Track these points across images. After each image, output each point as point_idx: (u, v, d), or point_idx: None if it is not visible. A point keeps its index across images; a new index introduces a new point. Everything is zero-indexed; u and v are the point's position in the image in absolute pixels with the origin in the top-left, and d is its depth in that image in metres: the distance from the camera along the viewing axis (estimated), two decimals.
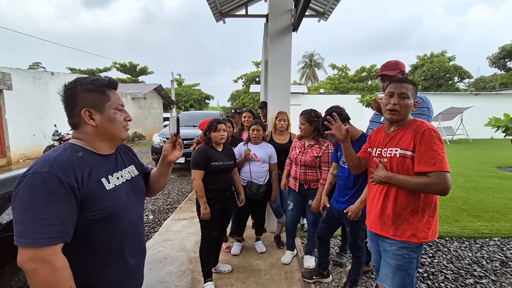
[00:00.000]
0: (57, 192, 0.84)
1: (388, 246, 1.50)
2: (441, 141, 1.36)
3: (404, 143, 1.41)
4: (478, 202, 4.39)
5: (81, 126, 1.00)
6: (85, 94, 0.98)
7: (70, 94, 0.98)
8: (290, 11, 3.13)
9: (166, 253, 2.98)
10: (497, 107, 14.24)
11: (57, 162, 0.87)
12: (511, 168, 7.20)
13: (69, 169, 0.88)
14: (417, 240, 1.42)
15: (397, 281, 1.46)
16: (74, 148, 0.96)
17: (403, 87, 1.46)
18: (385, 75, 2.02)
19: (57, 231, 0.83)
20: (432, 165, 1.30)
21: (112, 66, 29.13)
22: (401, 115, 1.46)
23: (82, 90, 0.98)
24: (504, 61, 27.94)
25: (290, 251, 2.80)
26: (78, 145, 0.98)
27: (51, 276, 0.82)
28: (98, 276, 0.98)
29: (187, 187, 5.93)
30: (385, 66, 2.07)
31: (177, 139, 1.22)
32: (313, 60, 38.84)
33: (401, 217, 1.44)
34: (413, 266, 1.47)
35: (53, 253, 0.83)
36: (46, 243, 0.81)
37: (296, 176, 2.53)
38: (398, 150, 1.44)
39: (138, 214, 1.14)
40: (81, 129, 1.00)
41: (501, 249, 2.96)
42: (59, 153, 0.91)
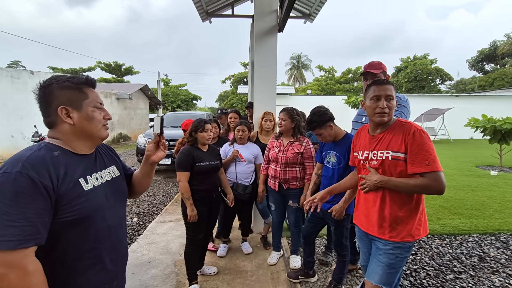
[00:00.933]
0: (28, 192, 0.80)
1: (382, 245, 1.50)
2: (430, 141, 1.39)
3: (395, 145, 1.41)
4: (458, 200, 4.54)
5: (58, 125, 0.96)
6: (61, 91, 0.94)
7: (45, 91, 0.94)
8: (276, 11, 3.14)
9: (151, 256, 2.91)
10: (476, 108, 14.83)
11: (30, 161, 0.83)
12: (489, 167, 7.50)
13: (43, 168, 0.85)
14: (412, 239, 1.45)
15: (385, 278, 1.48)
16: (49, 147, 0.92)
17: (387, 89, 1.46)
18: (369, 72, 2.06)
19: (26, 233, 0.79)
20: (426, 165, 1.32)
21: (96, 66, 28.42)
22: (390, 116, 1.48)
23: (58, 88, 0.94)
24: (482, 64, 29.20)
25: (276, 252, 2.80)
26: (55, 144, 0.95)
27: (21, 281, 0.78)
28: (74, 281, 0.94)
29: (173, 189, 5.84)
30: (369, 65, 2.11)
31: (160, 139, 1.19)
32: (301, 62, 39.24)
33: (397, 219, 1.45)
34: (402, 264, 1.51)
35: (24, 256, 0.79)
36: (13, 246, 0.76)
37: (275, 175, 2.53)
38: (389, 152, 1.43)
39: (118, 217, 1.10)
40: (57, 128, 0.97)
41: (479, 245, 3.07)
42: (33, 152, 0.87)
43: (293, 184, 2.48)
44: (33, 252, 0.81)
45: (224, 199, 2.63)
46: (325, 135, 2.08)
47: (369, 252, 1.65)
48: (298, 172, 2.47)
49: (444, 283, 2.41)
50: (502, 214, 3.93)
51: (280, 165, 2.49)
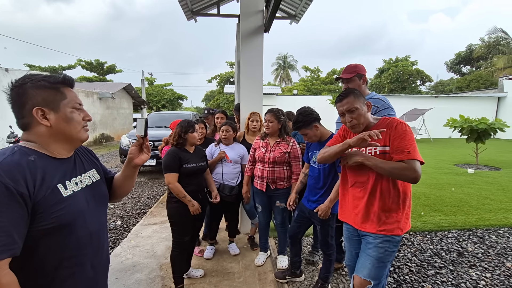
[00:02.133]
0: (3, 201, 0.75)
1: (371, 239, 1.54)
2: (412, 133, 1.46)
3: (382, 140, 1.47)
4: (438, 198, 4.71)
5: (33, 127, 0.91)
6: (36, 91, 0.89)
7: (18, 91, 0.89)
8: (261, 12, 3.13)
9: (135, 260, 2.84)
10: (454, 108, 15.45)
11: (3, 167, 0.78)
12: (466, 165, 7.83)
13: (18, 174, 0.80)
14: (401, 232, 1.50)
15: (374, 272, 1.51)
16: (24, 151, 0.87)
17: (345, 103, 1.54)
18: (341, 78, 2.09)
19: (1, 244, 0.74)
20: (407, 153, 1.39)
21: (77, 64, 27.41)
22: (361, 124, 1.54)
23: (32, 87, 0.89)
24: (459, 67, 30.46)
25: (263, 252, 2.79)
26: (30, 148, 0.89)
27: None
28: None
29: (158, 190, 5.72)
30: (344, 70, 2.14)
31: (144, 141, 1.15)
32: (287, 62, 39.51)
33: (386, 212, 1.51)
34: (391, 259, 1.54)
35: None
36: None
37: (263, 175, 2.52)
38: (377, 147, 1.50)
39: (99, 222, 1.06)
40: (32, 130, 0.91)
41: (458, 241, 3.20)
42: (6, 156, 0.82)
43: (280, 184, 2.49)
44: (7, 264, 0.77)
45: (209, 200, 2.59)
46: (311, 135, 2.10)
47: (356, 252, 1.68)
48: (285, 171, 2.48)
49: (426, 278, 2.49)
50: (478, 210, 4.11)
51: (267, 165, 2.49)
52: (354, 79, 2.03)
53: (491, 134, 7.39)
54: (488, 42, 24.11)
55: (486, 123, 7.28)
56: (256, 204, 2.72)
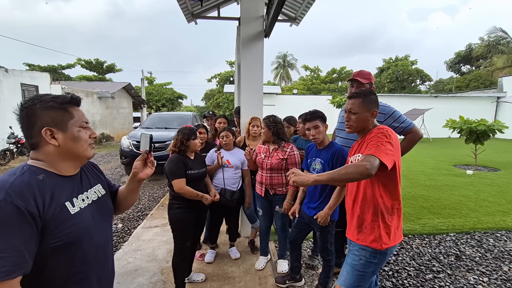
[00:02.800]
0: (14, 221, 0.77)
1: (351, 246, 1.57)
2: (386, 136, 1.40)
3: (364, 148, 1.48)
4: (437, 200, 4.74)
5: (42, 146, 0.93)
6: (45, 112, 0.91)
7: (28, 112, 0.91)
8: (262, 17, 3.15)
9: (136, 264, 2.87)
10: (453, 108, 15.51)
11: (14, 188, 0.80)
12: (465, 166, 7.87)
13: (28, 194, 0.82)
14: (378, 246, 1.45)
15: (349, 281, 1.48)
16: (33, 171, 0.89)
17: (352, 103, 1.57)
18: (356, 80, 2.14)
19: (13, 264, 0.76)
20: (368, 150, 1.35)
21: (76, 63, 27.37)
22: (353, 127, 1.58)
23: (42, 108, 0.91)
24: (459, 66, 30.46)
25: (264, 257, 2.83)
26: (38, 167, 0.91)
27: None
28: None
29: (159, 192, 5.75)
30: (358, 73, 2.19)
31: (149, 157, 1.18)
32: (287, 61, 39.46)
33: (364, 221, 1.50)
34: (368, 269, 1.48)
35: (10, 287, 0.76)
36: (1, 278, 0.74)
37: (262, 180, 2.56)
38: (359, 155, 1.51)
39: (105, 236, 1.08)
40: (41, 150, 0.93)
41: (456, 244, 3.23)
42: (16, 177, 0.84)
43: (279, 190, 2.51)
44: (18, 282, 0.79)
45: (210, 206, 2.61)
46: (320, 131, 2.12)
47: None
48: (284, 178, 2.51)
49: (424, 282, 2.53)
50: (476, 213, 4.15)
51: (265, 171, 2.52)
52: (366, 85, 2.11)
53: (490, 135, 7.42)
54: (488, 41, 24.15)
55: (485, 125, 7.31)
56: (257, 208, 2.76)
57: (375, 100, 1.58)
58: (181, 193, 2.22)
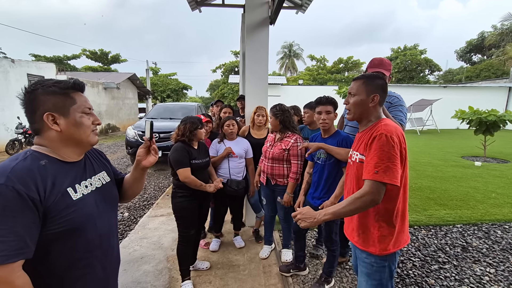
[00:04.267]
0: (15, 206, 0.77)
1: (359, 253, 1.45)
2: (393, 147, 1.22)
3: (363, 147, 1.35)
4: (444, 191, 4.68)
5: (44, 132, 0.92)
6: (47, 97, 0.90)
7: (30, 97, 0.90)
8: (267, 3, 3.06)
9: (142, 252, 2.91)
10: (463, 99, 15.18)
11: (15, 173, 0.80)
12: (473, 158, 7.74)
13: (30, 179, 0.82)
14: (378, 252, 1.34)
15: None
16: (35, 156, 0.89)
17: (352, 85, 1.44)
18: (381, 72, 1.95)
19: (14, 248, 0.76)
20: (374, 174, 1.20)
21: (82, 54, 27.45)
22: (352, 113, 1.43)
23: (43, 93, 0.90)
24: (470, 55, 29.64)
25: (268, 245, 2.84)
26: (41, 153, 0.91)
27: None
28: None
29: (165, 182, 5.80)
30: (379, 63, 2.00)
31: (151, 144, 1.16)
32: (292, 51, 38.88)
33: (362, 226, 1.40)
34: (384, 275, 1.37)
35: (11, 271, 0.77)
36: (2, 261, 0.75)
37: (264, 169, 2.56)
38: (358, 154, 1.39)
39: (109, 224, 1.08)
40: (44, 135, 0.93)
41: (462, 235, 3.20)
42: (18, 162, 0.84)
43: (280, 180, 2.49)
44: (20, 266, 0.79)
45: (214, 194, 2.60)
46: (331, 117, 2.10)
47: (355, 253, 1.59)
48: (285, 169, 2.47)
49: (429, 273, 2.51)
50: (484, 204, 4.09)
51: (267, 160, 2.51)
52: (387, 77, 1.98)
53: (500, 126, 7.25)
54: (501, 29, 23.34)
55: (495, 115, 7.13)
56: (262, 197, 2.76)
57: (381, 86, 1.37)
58: (186, 182, 2.22)
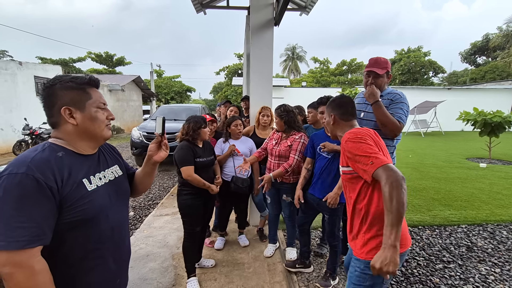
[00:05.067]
0: (34, 194, 0.81)
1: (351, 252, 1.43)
2: (361, 140, 1.24)
3: (343, 160, 1.37)
4: (448, 192, 4.67)
5: (61, 125, 0.97)
6: (64, 92, 0.95)
7: (48, 92, 0.95)
8: (272, 5, 3.11)
9: (148, 250, 2.95)
10: (467, 101, 15.06)
11: (35, 163, 0.84)
12: (478, 159, 7.69)
13: (48, 169, 0.85)
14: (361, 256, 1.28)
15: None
16: (53, 148, 0.93)
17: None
18: (373, 71, 1.99)
19: (33, 234, 0.80)
20: (371, 164, 1.18)
21: (87, 56, 27.75)
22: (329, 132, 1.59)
23: (61, 88, 0.95)
24: (474, 57, 29.46)
25: (272, 244, 2.86)
26: (58, 145, 0.95)
27: (28, 280, 0.80)
28: (78, 281, 0.96)
29: (169, 182, 5.84)
30: (374, 62, 2.01)
31: (162, 139, 1.20)
32: (296, 53, 38.97)
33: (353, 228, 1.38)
34: (365, 283, 1.27)
35: (30, 256, 0.80)
36: (20, 246, 0.78)
37: (270, 167, 2.58)
38: (342, 167, 1.40)
39: (121, 217, 1.11)
40: (61, 128, 0.97)
41: (467, 236, 3.19)
42: (37, 153, 0.88)
43: (286, 178, 2.52)
44: (39, 251, 0.83)
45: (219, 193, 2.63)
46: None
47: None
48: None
49: (434, 272, 2.51)
50: (489, 205, 4.07)
51: (274, 157, 2.54)
52: (384, 75, 1.98)
53: (505, 128, 7.20)
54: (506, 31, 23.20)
55: (501, 116, 7.09)
56: (266, 196, 2.78)
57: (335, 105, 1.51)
58: (189, 180, 2.25)
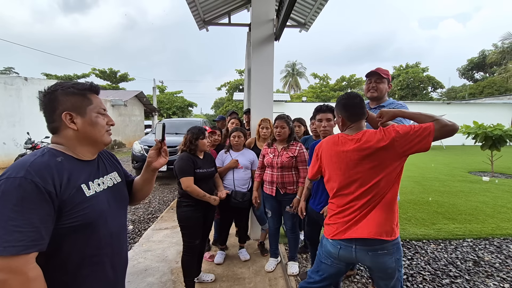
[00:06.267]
0: (33, 198, 0.80)
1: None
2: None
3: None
4: (452, 205, 4.60)
5: (61, 130, 0.97)
6: (66, 97, 0.96)
7: (50, 97, 0.96)
8: (272, 20, 3.21)
9: (147, 264, 2.88)
10: (467, 115, 15.11)
11: (34, 167, 0.84)
12: (481, 173, 7.63)
13: (47, 174, 0.85)
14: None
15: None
16: (53, 153, 0.93)
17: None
18: (377, 73, 2.10)
19: (30, 239, 0.79)
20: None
21: (91, 73, 28.29)
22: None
23: (63, 94, 0.96)
24: (472, 73, 29.91)
25: (274, 258, 2.79)
26: (58, 150, 0.96)
27: (22, 287, 0.78)
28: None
29: (169, 196, 5.79)
30: (377, 68, 2.16)
31: (162, 145, 1.20)
32: (296, 69, 39.68)
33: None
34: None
35: (26, 262, 0.78)
36: (16, 252, 0.76)
37: (272, 180, 2.55)
38: None
39: (119, 223, 1.10)
40: (61, 134, 0.98)
41: (473, 250, 3.11)
42: (36, 157, 0.88)
43: (290, 188, 2.51)
44: (34, 258, 0.81)
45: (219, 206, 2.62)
46: (331, 124, 2.16)
47: None
48: (294, 176, 2.52)
49: (440, 287, 2.43)
50: (494, 219, 4.00)
51: (276, 169, 2.52)
52: (384, 81, 2.11)
53: (507, 141, 7.19)
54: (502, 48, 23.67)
55: (501, 129, 7.10)
56: (266, 210, 2.74)
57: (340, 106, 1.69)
58: (188, 191, 2.24)
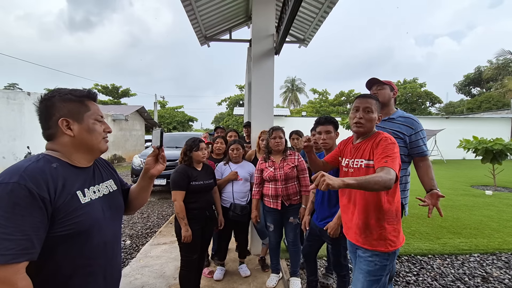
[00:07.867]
0: (25, 204, 0.77)
1: (361, 252, 1.53)
2: (394, 145, 1.43)
3: (367, 154, 1.49)
4: (456, 219, 4.52)
5: (57, 137, 0.96)
6: (63, 104, 0.95)
7: (47, 104, 0.95)
8: (272, 35, 3.28)
9: (144, 280, 2.79)
10: (466, 129, 15.20)
11: (28, 172, 0.82)
12: (483, 187, 7.55)
13: (41, 180, 0.83)
14: (386, 249, 1.46)
15: (367, 286, 1.48)
16: (48, 159, 0.91)
17: (367, 102, 1.54)
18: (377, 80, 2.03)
19: (21, 247, 0.75)
20: (384, 163, 1.35)
21: (94, 88, 28.74)
22: (366, 127, 1.54)
23: (60, 100, 0.95)
24: (469, 88, 30.35)
25: (275, 274, 2.70)
26: (53, 156, 0.94)
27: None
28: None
29: (168, 210, 5.70)
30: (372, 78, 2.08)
31: (160, 152, 1.18)
32: (295, 85, 40.24)
33: (369, 226, 1.48)
34: (384, 272, 1.49)
35: (15, 272, 0.75)
36: (6, 261, 0.73)
37: (277, 193, 2.50)
38: (363, 161, 1.51)
39: (113, 232, 1.07)
40: (56, 140, 0.96)
41: (481, 265, 3.02)
42: (31, 163, 0.86)
43: (294, 199, 2.50)
44: (24, 267, 0.78)
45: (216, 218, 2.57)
46: (331, 136, 2.16)
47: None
48: (297, 186, 2.53)
49: None
50: (501, 233, 3.91)
51: (280, 182, 2.49)
52: (386, 87, 2.01)
53: (507, 155, 7.17)
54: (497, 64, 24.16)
55: (501, 144, 7.09)
56: (268, 224, 2.67)
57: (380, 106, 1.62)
58: (174, 205, 2.23)
